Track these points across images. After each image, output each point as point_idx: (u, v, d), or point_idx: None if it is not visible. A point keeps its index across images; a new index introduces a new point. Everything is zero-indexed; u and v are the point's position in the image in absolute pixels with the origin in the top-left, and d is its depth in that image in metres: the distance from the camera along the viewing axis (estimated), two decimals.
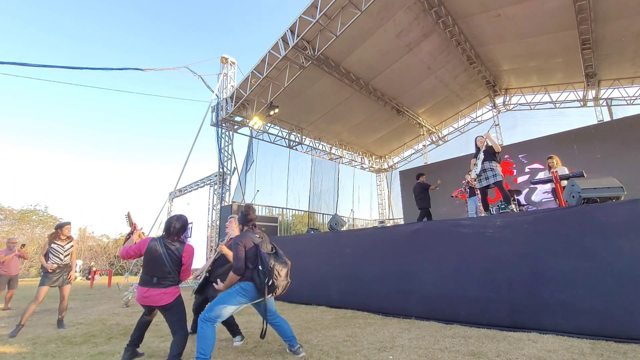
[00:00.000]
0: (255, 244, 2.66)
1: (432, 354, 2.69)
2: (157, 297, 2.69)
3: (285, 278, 2.62)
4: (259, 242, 2.69)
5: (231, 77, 9.98)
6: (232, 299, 2.57)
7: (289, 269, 2.71)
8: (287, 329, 2.76)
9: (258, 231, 2.84)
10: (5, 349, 3.35)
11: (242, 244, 2.66)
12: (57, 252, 4.48)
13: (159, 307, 2.75)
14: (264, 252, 2.61)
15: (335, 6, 6.46)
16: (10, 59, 6.33)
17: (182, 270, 2.83)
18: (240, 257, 2.62)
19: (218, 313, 2.52)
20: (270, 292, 2.55)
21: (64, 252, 4.55)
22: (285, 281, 2.62)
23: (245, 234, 2.75)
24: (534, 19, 7.47)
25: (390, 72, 9.42)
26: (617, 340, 2.74)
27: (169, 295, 2.72)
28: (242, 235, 2.76)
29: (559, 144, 8.43)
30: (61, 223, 4.72)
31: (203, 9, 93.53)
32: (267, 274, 2.53)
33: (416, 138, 13.79)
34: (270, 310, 2.75)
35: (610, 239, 3.02)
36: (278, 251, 2.73)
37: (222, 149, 9.72)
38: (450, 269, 3.97)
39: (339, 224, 6.54)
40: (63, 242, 4.57)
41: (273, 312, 2.78)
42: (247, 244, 2.66)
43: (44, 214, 22.52)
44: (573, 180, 3.69)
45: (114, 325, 4.48)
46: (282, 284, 2.60)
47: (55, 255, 4.46)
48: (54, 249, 4.47)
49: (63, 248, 4.55)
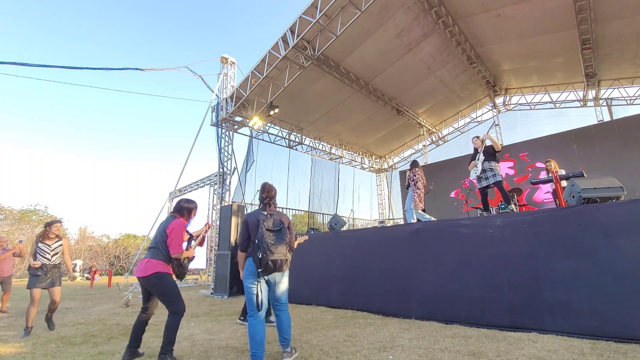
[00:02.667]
0: (258, 220, 2.69)
1: (432, 354, 2.69)
2: (142, 267, 2.83)
3: (279, 254, 2.58)
4: (263, 219, 2.70)
5: (231, 77, 9.97)
6: (246, 282, 2.65)
7: (288, 246, 2.71)
8: (286, 327, 2.72)
9: (272, 209, 2.86)
10: (5, 349, 3.35)
11: (245, 221, 2.79)
12: (44, 252, 4.24)
13: (145, 283, 2.84)
14: (262, 227, 2.63)
15: (335, 6, 6.46)
16: (10, 59, 6.33)
17: (168, 243, 2.85)
18: (242, 233, 2.78)
19: (249, 302, 2.60)
20: (262, 266, 2.53)
21: (51, 252, 4.29)
22: (278, 256, 2.57)
23: (253, 212, 2.85)
24: (534, 19, 7.47)
25: (390, 72, 9.42)
26: (617, 340, 2.74)
27: (151, 266, 2.81)
28: (250, 213, 2.90)
29: (559, 144, 8.43)
30: (51, 221, 4.49)
31: (203, 9, 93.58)
32: (257, 247, 2.57)
33: (416, 138, 13.79)
34: (279, 299, 2.73)
35: (610, 239, 3.02)
36: (282, 229, 2.71)
37: (222, 149, 9.72)
38: (450, 269, 3.97)
39: (339, 224, 6.54)
40: (51, 242, 4.33)
41: (282, 302, 2.75)
42: (250, 221, 2.75)
43: (44, 214, 22.51)
44: (573, 180, 3.69)
45: (114, 325, 4.48)
46: (273, 258, 2.55)
47: (42, 255, 4.22)
48: (40, 249, 4.24)
49: (50, 248, 4.29)
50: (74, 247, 22.38)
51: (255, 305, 2.56)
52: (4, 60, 5.31)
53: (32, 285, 4.10)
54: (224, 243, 7.95)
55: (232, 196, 9.77)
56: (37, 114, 59.15)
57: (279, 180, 11.51)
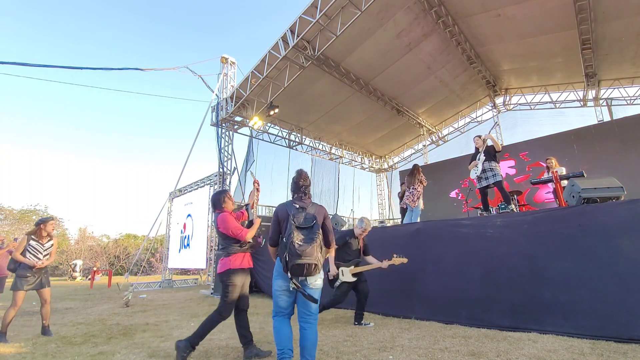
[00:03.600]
0: (288, 214, 2.33)
1: (432, 354, 2.69)
2: (219, 265, 2.88)
3: (308, 257, 2.18)
4: (294, 213, 2.33)
5: (231, 77, 9.97)
6: (274, 284, 2.38)
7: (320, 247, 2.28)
8: (311, 346, 2.26)
9: (306, 200, 2.48)
10: (5, 349, 3.35)
11: (276, 213, 2.47)
12: (36, 251, 3.92)
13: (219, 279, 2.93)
14: (291, 223, 2.25)
15: (335, 6, 6.46)
16: (11, 59, 6.32)
17: (231, 236, 2.83)
18: (272, 227, 2.47)
19: (274, 303, 2.36)
20: (288, 269, 2.19)
21: (44, 251, 3.98)
22: (306, 260, 2.17)
23: (285, 203, 2.49)
24: (534, 19, 7.47)
25: (390, 72, 9.42)
26: (617, 340, 2.74)
27: (221, 265, 2.85)
28: (282, 204, 2.52)
29: (559, 144, 8.43)
30: (44, 218, 4.17)
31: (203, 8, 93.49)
32: (284, 247, 2.24)
33: (416, 138, 13.79)
34: (309, 308, 2.30)
35: (610, 239, 3.02)
36: (315, 226, 2.29)
37: (222, 148, 9.72)
38: (450, 269, 3.97)
39: (339, 223, 6.55)
40: (43, 240, 4.01)
41: (311, 313, 2.32)
42: (280, 214, 2.42)
43: (44, 214, 22.51)
44: (573, 180, 3.70)
45: (114, 325, 4.48)
46: (300, 262, 2.16)
47: (34, 254, 3.89)
48: (32, 247, 3.90)
49: (43, 247, 3.98)
50: (74, 247, 22.39)
51: (283, 305, 2.32)
52: (4, 60, 5.31)
53: (19, 287, 3.76)
54: None
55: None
56: (37, 114, 59.11)
57: (279, 180, 11.52)
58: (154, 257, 20.93)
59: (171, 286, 10.72)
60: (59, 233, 23.70)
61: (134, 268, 16.44)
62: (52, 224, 4.12)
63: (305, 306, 2.31)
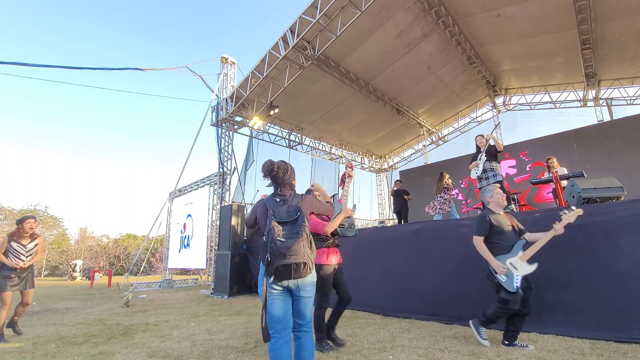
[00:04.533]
0: (267, 209, 2.05)
1: (432, 354, 2.69)
2: None
3: (294, 255, 1.85)
4: (274, 207, 2.03)
5: (231, 77, 9.98)
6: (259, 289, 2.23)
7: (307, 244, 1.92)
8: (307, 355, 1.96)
9: (285, 191, 2.14)
10: (5, 349, 3.35)
11: (254, 210, 2.23)
12: (18, 253, 3.83)
13: None
14: (270, 219, 1.96)
15: (335, 6, 6.46)
16: (11, 59, 6.33)
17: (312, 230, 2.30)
18: (249, 214, 2.28)
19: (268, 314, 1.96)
20: (272, 272, 1.86)
21: (26, 253, 3.91)
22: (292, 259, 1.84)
23: (264, 199, 2.20)
24: (534, 19, 7.47)
25: (390, 72, 9.42)
26: (617, 340, 2.74)
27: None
28: (260, 200, 2.27)
29: (559, 144, 8.43)
30: (23, 217, 4.04)
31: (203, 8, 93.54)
32: (265, 246, 1.91)
33: (416, 138, 13.79)
34: (303, 315, 1.99)
35: (610, 239, 3.02)
36: (299, 218, 1.96)
37: (222, 149, 9.72)
38: (451, 269, 3.97)
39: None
40: (25, 241, 3.93)
41: (306, 320, 2.01)
42: (258, 208, 2.17)
43: (44, 214, 22.55)
44: (573, 180, 3.70)
45: (114, 325, 4.48)
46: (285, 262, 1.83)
47: (15, 256, 3.81)
48: (13, 249, 3.82)
49: (25, 249, 3.90)
50: (74, 247, 22.40)
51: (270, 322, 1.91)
52: (4, 60, 5.31)
53: (3, 287, 3.72)
54: (223, 243, 7.95)
55: (232, 196, 9.77)
56: (38, 114, 59.17)
57: None
58: (154, 257, 20.95)
59: (171, 286, 10.72)
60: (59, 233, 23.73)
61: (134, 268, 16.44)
62: (29, 223, 4.00)
63: (298, 315, 1.99)
